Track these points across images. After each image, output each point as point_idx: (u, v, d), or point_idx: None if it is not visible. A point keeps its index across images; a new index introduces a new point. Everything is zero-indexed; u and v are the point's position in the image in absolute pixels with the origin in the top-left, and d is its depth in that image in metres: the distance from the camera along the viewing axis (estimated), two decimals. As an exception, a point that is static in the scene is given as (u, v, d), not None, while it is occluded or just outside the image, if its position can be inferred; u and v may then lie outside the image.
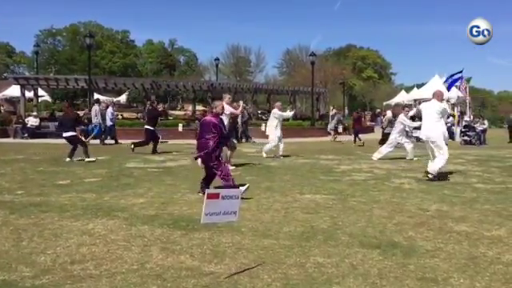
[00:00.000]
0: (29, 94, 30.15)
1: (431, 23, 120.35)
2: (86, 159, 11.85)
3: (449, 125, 22.00)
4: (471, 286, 3.56)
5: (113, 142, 19.49)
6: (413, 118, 13.12)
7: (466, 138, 22.35)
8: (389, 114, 20.94)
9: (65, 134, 12.24)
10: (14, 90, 31.38)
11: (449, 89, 23.12)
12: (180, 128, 23.43)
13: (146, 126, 14.87)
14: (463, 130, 23.30)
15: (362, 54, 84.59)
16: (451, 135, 21.50)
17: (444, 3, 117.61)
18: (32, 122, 24.19)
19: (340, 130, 24.56)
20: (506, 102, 79.87)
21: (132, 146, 14.29)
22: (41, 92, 32.59)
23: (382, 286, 3.54)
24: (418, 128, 11.07)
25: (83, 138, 13.06)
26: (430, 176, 9.00)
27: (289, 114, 17.15)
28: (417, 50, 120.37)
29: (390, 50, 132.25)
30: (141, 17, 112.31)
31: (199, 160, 7.31)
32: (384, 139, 19.13)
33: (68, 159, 11.79)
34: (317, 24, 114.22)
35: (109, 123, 20.02)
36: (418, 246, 4.58)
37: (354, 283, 3.58)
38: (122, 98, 43.35)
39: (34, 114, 26.07)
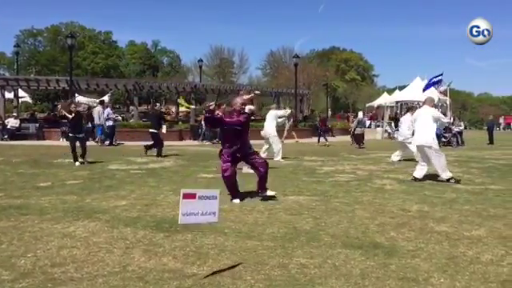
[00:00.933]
0: (9, 95, 29.66)
1: (413, 26, 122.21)
2: (76, 163, 11.61)
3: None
4: (451, 286, 3.61)
5: (94, 143, 19.37)
6: (396, 123, 13.15)
7: (443, 139, 22.64)
8: (360, 115, 21.28)
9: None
10: (-7, 91, 30.81)
11: (424, 90, 23.41)
12: (164, 129, 23.22)
13: (151, 130, 14.90)
14: None
15: (345, 56, 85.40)
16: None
17: (426, 6, 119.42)
18: (12, 123, 23.79)
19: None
20: (485, 104, 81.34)
21: (145, 150, 14.51)
22: (21, 93, 32.06)
23: (364, 287, 3.57)
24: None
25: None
26: (452, 181, 8.91)
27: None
28: (399, 53, 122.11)
29: (372, 53, 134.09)
30: (123, 18, 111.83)
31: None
32: (355, 139, 19.48)
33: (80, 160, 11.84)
34: (300, 26, 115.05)
35: (107, 123, 20.06)
36: (399, 246, 4.62)
37: (337, 283, 3.60)
38: (105, 99, 42.89)
39: (14, 115, 25.65)
